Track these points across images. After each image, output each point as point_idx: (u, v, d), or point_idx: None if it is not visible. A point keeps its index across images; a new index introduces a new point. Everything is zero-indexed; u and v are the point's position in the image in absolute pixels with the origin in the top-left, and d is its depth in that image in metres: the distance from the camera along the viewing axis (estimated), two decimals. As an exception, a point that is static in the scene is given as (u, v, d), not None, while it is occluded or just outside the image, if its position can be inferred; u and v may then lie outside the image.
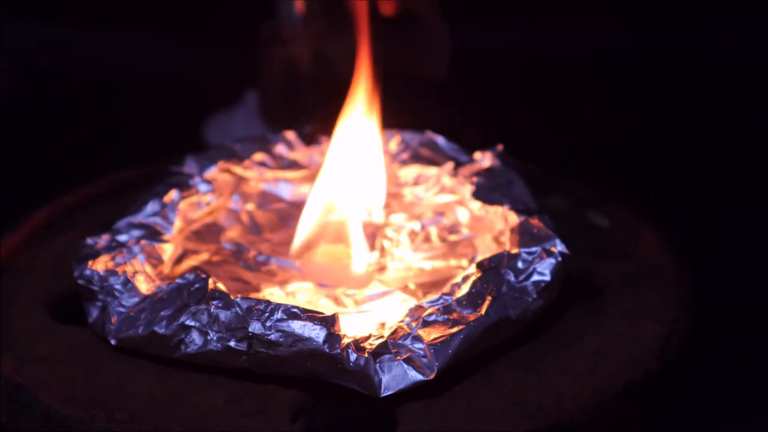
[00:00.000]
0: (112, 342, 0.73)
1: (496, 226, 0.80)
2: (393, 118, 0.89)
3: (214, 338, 0.71)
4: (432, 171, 0.85)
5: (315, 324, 0.69)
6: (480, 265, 0.74)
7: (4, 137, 1.17)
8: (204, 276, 0.73)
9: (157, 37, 1.30)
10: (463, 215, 0.83)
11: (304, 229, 0.80)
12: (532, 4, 1.29)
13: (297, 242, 0.80)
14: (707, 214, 1.05)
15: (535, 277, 0.74)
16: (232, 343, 0.70)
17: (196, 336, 0.71)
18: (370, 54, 0.82)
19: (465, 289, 0.73)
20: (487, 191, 0.81)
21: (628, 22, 1.30)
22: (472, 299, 0.72)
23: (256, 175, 0.85)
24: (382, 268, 0.81)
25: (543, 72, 1.28)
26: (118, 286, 0.74)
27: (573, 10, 1.29)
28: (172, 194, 0.81)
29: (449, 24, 1.04)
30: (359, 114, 0.82)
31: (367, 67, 0.82)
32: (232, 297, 0.71)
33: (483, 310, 0.71)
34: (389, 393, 0.69)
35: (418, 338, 0.70)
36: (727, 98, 1.22)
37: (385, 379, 0.69)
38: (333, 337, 0.69)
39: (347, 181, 0.82)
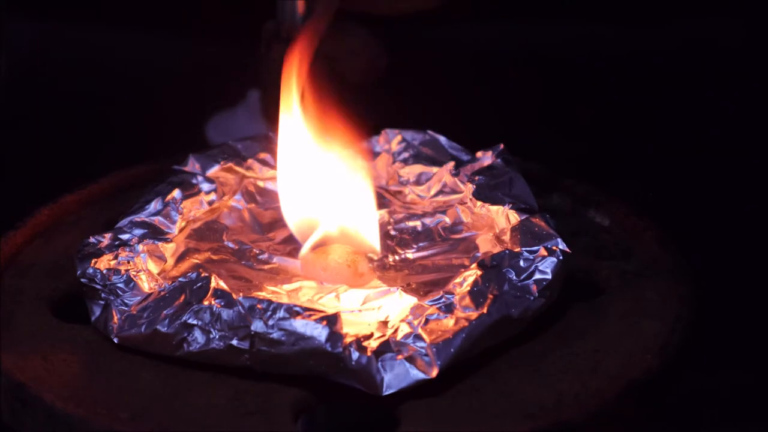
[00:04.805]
0: (115, 340, 0.73)
1: (497, 224, 0.80)
2: (394, 117, 0.90)
3: (217, 337, 0.71)
4: (433, 170, 0.85)
5: (317, 322, 0.70)
6: (481, 264, 0.74)
7: (6, 136, 1.17)
8: (206, 274, 0.73)
9: (160, 37, 1.30)
10: (464, 214, 0.83)
11: (315, 233, 0.81)
12: (533, 4, 1.30)
13: (307, 246, 0.81)
14: (708, 212, 1.04)
15: (537, 276, 0.74)
16: (234, 342, 0.70)
17: (198, 334, 0.71)
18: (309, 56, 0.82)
19: (467, 287, 0.73)
20: (488, 190, 0.81)
21: (629, 23, 1.30)
22: (474, 298, 0.72)
23: (259, 173, 0.86)
24: (383, 267, 0.81)
25: (544, 71, 1.28)
26: (120, 285, 0.75)
27: (574, 10, 1.29)
28: (175, 193, 0.81)
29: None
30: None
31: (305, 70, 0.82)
32: (234, 296, 0.72)
33: (485, 309, 0.72)
34: (391, 392, 0.69)
35: (419, 337, 0.70)
36: (728, 98, 1.22)
37: (387, 377, 0.69)
38: (335, 336, 0.69)
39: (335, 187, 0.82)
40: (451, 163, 0.84)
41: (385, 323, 0.73)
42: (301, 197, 0.82)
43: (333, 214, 0.81)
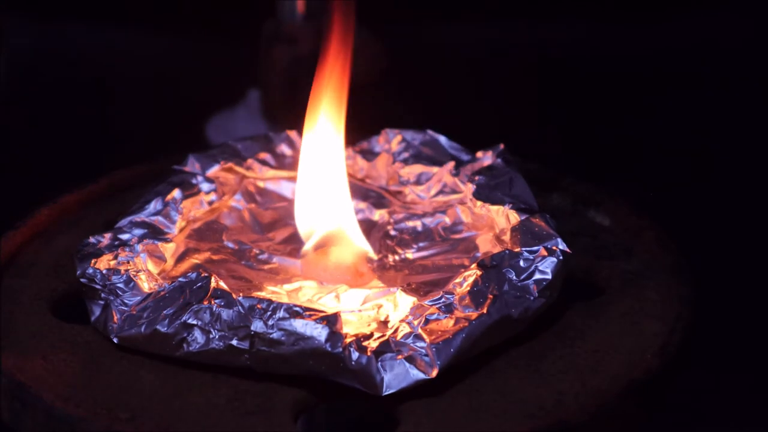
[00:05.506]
0: (115, 340, 0.73)
1: (497, 224, 0.80)
2: (395, 117, 0.90)
3: (216, 337, 0.71)
4: (433, 170, 0.85)
5: (317, 323, 0.69)
6: (481, 264, 0.74)
7: (5, 136, 1.17)
8: (206, 274, 0.73)
9: (159, 36, 1.30)
10: (464, 214, 0.83)
11: (317, 233, 0.81)
12: (533, 3, 1.30)
13: (309, 245, 0.81)
14: (708, 212, 1.05)
15: (537, 276, 0.74)
16: (234, 342, 0.70)
17: (198, 334, 0.71)
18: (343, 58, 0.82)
19: (466, 287, 0.73)
20: (488, 190, 0.81)
21: (629, 23, 1.30)
22: (474, 298, 0.72)
23: (258, 173, 0.86)
24: (383, 267, 0.81)
25: (544, 71, 1.28)
26: (120, 285, 0.75)
27: (574, 10, 1.29)
28: (175, 193, 0.81)
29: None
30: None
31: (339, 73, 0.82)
32: (234, 296, 0.72)
33: (485, 309, 0.72)
34: (391, 392, 0.69)
35: (419, 337, 0.70)
36: (728, 98, 1.23)
37: (387, 377, 0.69)
38: (335, 336, 0.69)
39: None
40: (451, 163, 0.84)
41: (385, 323, 0.73)
42: (313, 200, 0.82)
43: (325, 220, 0.81)
